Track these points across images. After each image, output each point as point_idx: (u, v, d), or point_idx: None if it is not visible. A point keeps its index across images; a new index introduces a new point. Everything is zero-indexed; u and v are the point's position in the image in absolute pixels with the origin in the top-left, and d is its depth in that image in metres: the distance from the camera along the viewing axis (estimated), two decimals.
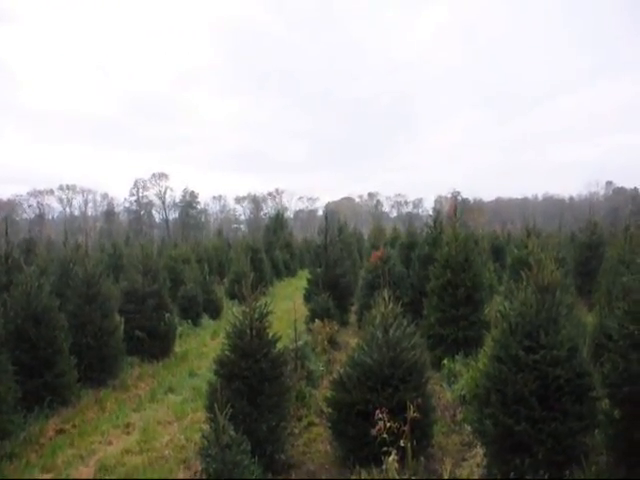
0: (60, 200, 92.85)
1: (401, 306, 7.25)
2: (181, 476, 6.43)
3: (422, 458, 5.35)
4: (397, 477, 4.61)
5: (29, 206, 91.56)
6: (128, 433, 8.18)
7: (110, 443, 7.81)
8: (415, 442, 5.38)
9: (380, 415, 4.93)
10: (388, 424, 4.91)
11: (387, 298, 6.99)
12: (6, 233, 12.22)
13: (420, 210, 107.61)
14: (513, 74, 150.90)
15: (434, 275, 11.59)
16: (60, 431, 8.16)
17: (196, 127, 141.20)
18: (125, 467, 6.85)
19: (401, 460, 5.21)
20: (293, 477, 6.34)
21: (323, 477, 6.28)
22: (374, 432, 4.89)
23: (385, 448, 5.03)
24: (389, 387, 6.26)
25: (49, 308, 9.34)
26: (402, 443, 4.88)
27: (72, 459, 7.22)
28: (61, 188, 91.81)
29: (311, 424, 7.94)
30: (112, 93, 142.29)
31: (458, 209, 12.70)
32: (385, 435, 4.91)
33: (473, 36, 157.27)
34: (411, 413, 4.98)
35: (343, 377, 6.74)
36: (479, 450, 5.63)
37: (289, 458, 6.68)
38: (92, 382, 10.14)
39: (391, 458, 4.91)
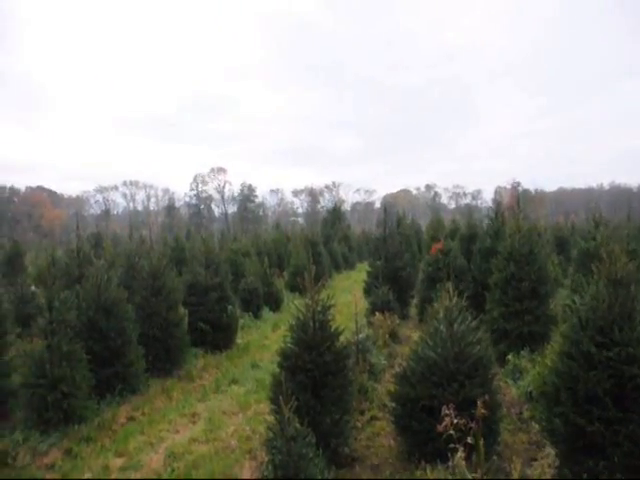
0: (124, 196, 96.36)
1: (464, 300, 7.12)
2: (247, 466, 6.55)
3: (494, 457, 5.22)
4: (468, 476, 4.52)
5: (95, 202, 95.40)
6: (194, 422, 8.40)
7: (177, 431, 8.05)
8: (482, 440, 5.27)
9: (447, 411, 4.85)
10: (455, 420, 4.83)
11: (451, 291, 6.87)
12: (77, 227, 12.76)
13: (479, 202, 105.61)
14: (575, 58, 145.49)
15: (497, 268, 11.32)
16: (130, 418, 8.48)
17: (250, 122, 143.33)
18: (192, 455, 7.04)
19: (467, 458, 5.13)
20: (357, 471, 6.35)
21: (387, 472, 6.25)
22: (441, 428, 4.82)
23: (451, 445, 4.96)
24: (454, 382, 6.16)
25: (118, 300, 9.69)
26: (470, 440, 4.78)
27: (142, 445, 7.49)
28: (125, 184, 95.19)
29: (374, 418, 7.92)
30: (171, 92, 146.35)
31: (519, 200, 12.34)
32: (452, 432, 4.83)
33: (530, 20, 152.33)
34: (479, 410, 4.88)
35: (407, 371, 6.68)
36: (551, 450, 5.45)
37: (352, 452, 6.70)
38: (159, 372, 10.48)
39: (458, 455, 4.82)
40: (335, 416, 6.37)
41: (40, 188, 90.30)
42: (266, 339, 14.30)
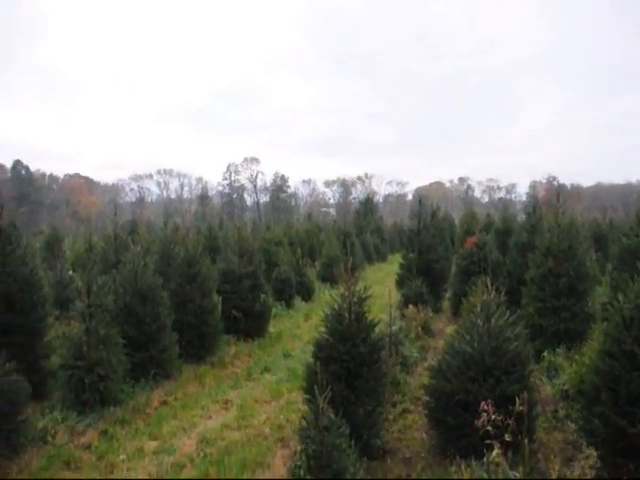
0: (158, 184, 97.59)
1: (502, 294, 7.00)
2: (279, 454, 6.57)
3: (539, 455, 5.12)
4: (510, 475, 4.42)
5: (130, 189, 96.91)
6: (227, 409, 8.47)
7: (210, 417, 8.13)
8: (519, 437, 5.17)
9: (486, 407, 4.77)
10: (493, 416, 4.75)
11: (489, 285, 6.75)
12: (115, 214, 12.97)
13: (513, 196, 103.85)
14: (612, 51, 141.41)
15: (534, 263, 11.10)
16: (164, 403, 8.61)
17: (283, 112, 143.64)
18: (225, 441, 7.10)
19: (504, 455, 5.04)
20: (388, 463, 6.32)
21: (419, 466, 6.20)
22: (478, 424, 4.74)
23: (487, 441, 4.88)
24: (491, 378, 6.06)
25: (154, 286, 9.81)
26: (507, 437, 4.70)
27: (175, 430, 7.59)
28: (159, 173, 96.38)
29: (406, 411, 7.86)
30: (206, 83, 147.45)
31: (555, 195, 12.07)
32: (489, 428, 4.75)
33: (569, 11, 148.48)
34: (518, 407, 4.79)
35: (442, 365, 6.60)
36: (592, 451, 5.32)
37: (384, 444, 6.66)
38: (192, 358, 10.59)
39: (494, 452, 4.74)
40: (368, 407, 6.34)
41: (77, 175, 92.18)
42: (298, 329, 14.35)
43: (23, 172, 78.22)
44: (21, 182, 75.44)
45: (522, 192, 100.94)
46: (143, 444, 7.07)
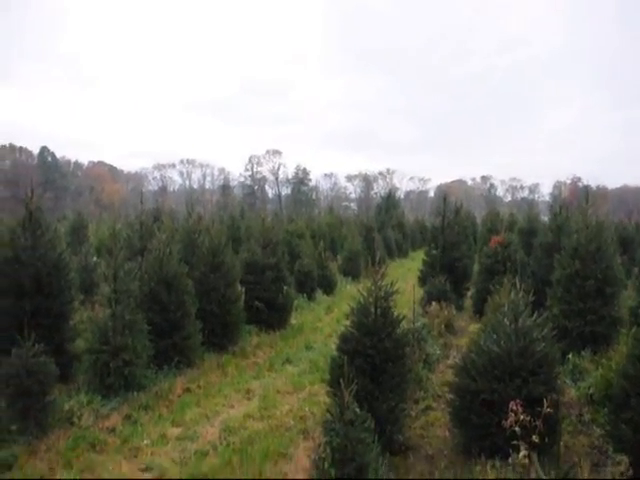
0: (181, 174, 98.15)
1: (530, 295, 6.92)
2: (301, 446, 6.58)
3: (577, 459, 5.03)
4: (543, 476, 4.36)
5: (153, 178, 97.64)
6: (249, 399, 8.51)
7: (232, 406, 8.17)
8: (546, 439, 5.12)
9: (514, 407, 4.72)
10: (521, 417, 4.70)
11: (518, 285, 6.68)
12: (141, 202, 13.07)
13: (536, 196, 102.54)
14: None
15: (560, 264, 10.94)
16: (187, 390, 8.67)
17: (306, 105, 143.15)
18: (247, 431, 7.14)
19: (529, 456, 4.99)
20: (411, 460, 6.29)
21: (442, 464, 6.16)
22: (506, 424, 4.70)
23: (514, 442, 4.83)
24: (517, 378, 5.99)
25: (179, 274, 9.88)
26: (535, 439, 4.65)
27: (198, 417, 7.65)
28: (182, 162, 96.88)
29: (428, 408, 7.83)
30: (229, 75, 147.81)
31: (583, 195, 11.89)
32: (517, 429, 4.70)
33: (597, 11, 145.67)
34: (545, 408, 4.73)
35: (467, 363, 6.55)
36: (624, 457, 5.22)
37: (407, 440, 6.63)
38: (214, 347, 10.64)
39: (521, 454, 4.69)
40: (391, 403, 6.32)
41: (101, 163, 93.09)
42: (319, 321, 14.36)
43: (49, 159, 79.24)
44: (47, 168, 76.42)
45: (545, 192, 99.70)
46: (166, 430, 7.14)
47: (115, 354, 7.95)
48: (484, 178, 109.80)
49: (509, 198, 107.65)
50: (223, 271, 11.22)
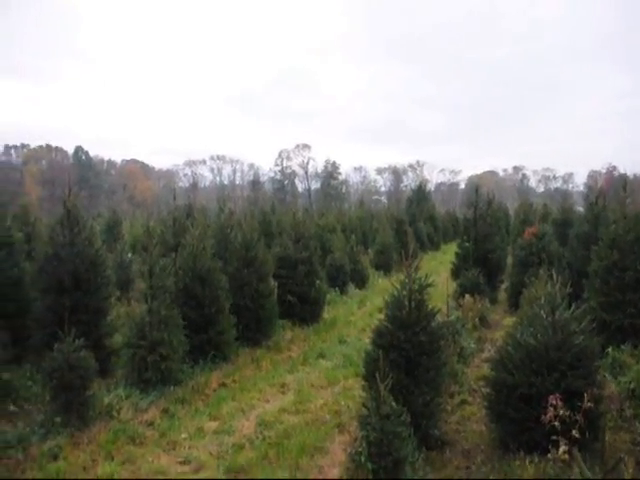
0: (211, 170, 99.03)
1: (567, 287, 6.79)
2: (337, 440, 6.60)
3: (624, 456, 4.91)
4: (588, 474, 4.25)
5: (184, 175, 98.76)
6: (283, 393, 8.57)
7: (267, 401, 8.24)
8: (587, 434, 5.02)
9: (554, 402, 4.64)
10: (561, 412, 4.62)
11: (555, 277, 6.56)
12: (174, 199, 13.25)
13: (570, 186, 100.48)
14: None
15: (597, 256, 10.68)
16: (222, 384, 8.78)
17: (333, 98, 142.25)
18: (283, 425, 7.19)
19: (569, 452, 4.90)
20: (447, 455, 6.25)
21: (479, 459, 6.09)
22: (546, 419, 4.62)
23: (554, 437, 4.75)
24: (556, 372, 5.88)
25: (213, 269, 9.98)
26: (575, 434, 4.56)
27: (234, 411, 7.73)
28: (212, 158, 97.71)
29: (464, 402, 7.76)
30: (258, 69, 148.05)
31: (620, 185, 11.58)
32: (556, 423, 4.62)
33: None
34: (586, 403, 4.64)
35: (503, 357, 6.46)
36: None
37: (443, 434, 6.57)
38: (248, 341, 10.74)
39: (561, 450, 4.61)
40: (427, 397, 6.27)
41: (134, 161, 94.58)
42: (352, 315, 14.36)
43: (83, 157, 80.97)
44: (82, 167, 78.11)
45: (579, 182, 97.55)
46: (203, 424, 7.24)
47: (152, 349, 8.08)
48: (516, 169, 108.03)
49: (542, 189, 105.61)
50: (256, 266, 11.29)
